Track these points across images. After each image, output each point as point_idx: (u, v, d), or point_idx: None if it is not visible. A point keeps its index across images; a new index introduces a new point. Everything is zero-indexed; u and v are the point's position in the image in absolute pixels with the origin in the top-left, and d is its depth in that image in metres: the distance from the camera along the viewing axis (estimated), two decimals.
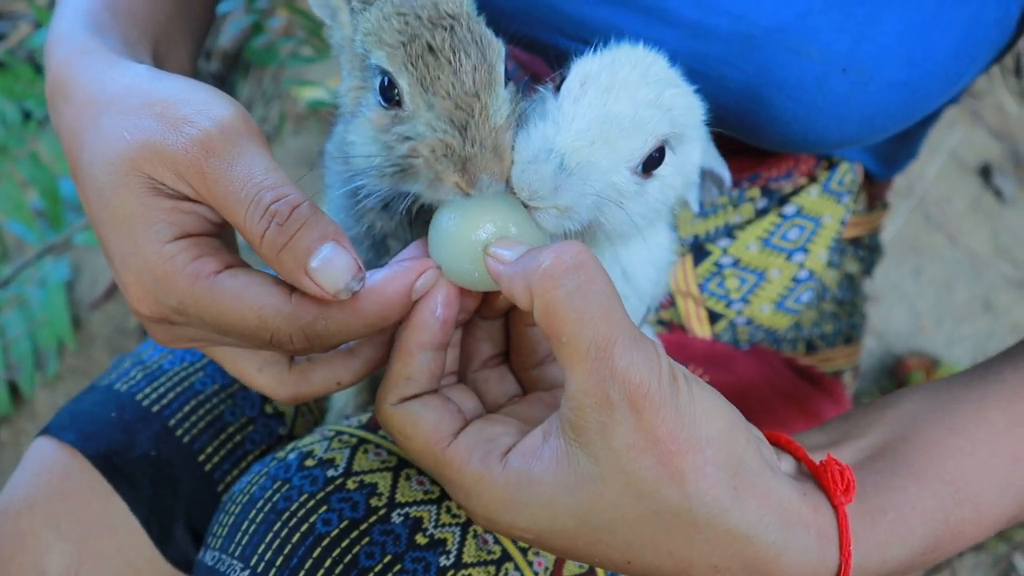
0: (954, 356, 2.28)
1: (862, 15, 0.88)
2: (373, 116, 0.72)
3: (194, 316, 0.66)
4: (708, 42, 0.94)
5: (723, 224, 1.23)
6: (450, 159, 0.67)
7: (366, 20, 0.72)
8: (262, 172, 0.63)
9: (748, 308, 1.23)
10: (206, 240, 0.68)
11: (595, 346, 0.59)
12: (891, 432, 0.78)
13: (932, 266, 2.49)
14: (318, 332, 0.64)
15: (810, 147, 1.02)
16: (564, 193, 0.69)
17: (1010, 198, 2.64)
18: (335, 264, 0.62)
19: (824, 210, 1.21)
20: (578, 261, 0.60)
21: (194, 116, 0.65)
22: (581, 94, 0.71)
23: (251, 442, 1.01)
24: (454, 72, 0.68)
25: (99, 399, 0.99)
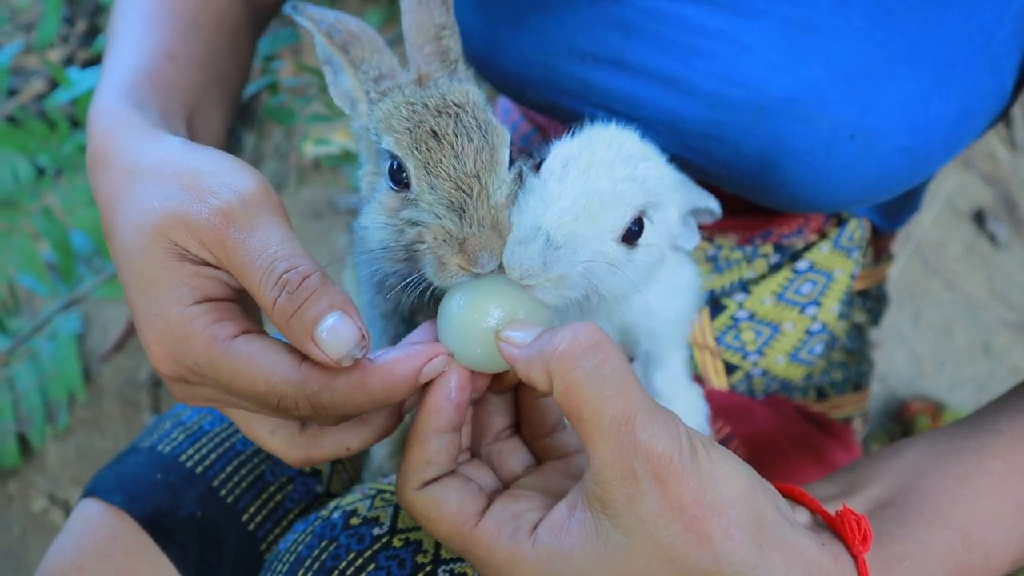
0: (956, 399, 2.31)
1: (868, 87, 0.94)
2: (384, 199, 0.76)
3: (209, 377, 0.69)
4: (724, 111, 0.99)
5: (738, 279, 1.26)
6: (450, 243, 0.71)
7: (380, 109, 0.77)
8: (277, 243, 0.66)
9: (763, 360, 1.26)
10: (226, 305, 0.71)
11: (616, 422, 0.62)
12: (898, 481, 0.81)
13: (931, 311, 2.53)
14: (323, 403, 0.67)
15: (819, 208, 1.06)
16: (554, 266, 0.72)
17: (1004, 242, 2.69)
18: (339, 333, 0.64)
19: (835, 265, 1.25)
20: (593, 341, 0.63)
21: (218, 188, 0.69)
22: (564, 174, 0.76)
23: (291, 501, 1.03)
24: (456, 155, 0.72)
25: (143, 461, 1.00)
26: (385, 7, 2.88)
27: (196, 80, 1.02)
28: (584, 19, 1.03)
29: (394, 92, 0.79)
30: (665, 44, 1.00)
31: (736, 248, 1.26)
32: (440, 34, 0.83)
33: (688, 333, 1.00)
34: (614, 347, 0.64)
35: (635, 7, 1.01)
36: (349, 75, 0.81)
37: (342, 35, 0.80)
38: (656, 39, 1.00)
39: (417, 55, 0.82)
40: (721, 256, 1.26)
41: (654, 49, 1.01)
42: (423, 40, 0.82)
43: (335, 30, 0.80)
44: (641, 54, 1.01)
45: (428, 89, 0.78)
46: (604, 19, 1.02)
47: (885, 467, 0.84)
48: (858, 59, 0.93)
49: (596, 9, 1.03)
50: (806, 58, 0.94)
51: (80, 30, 2.98)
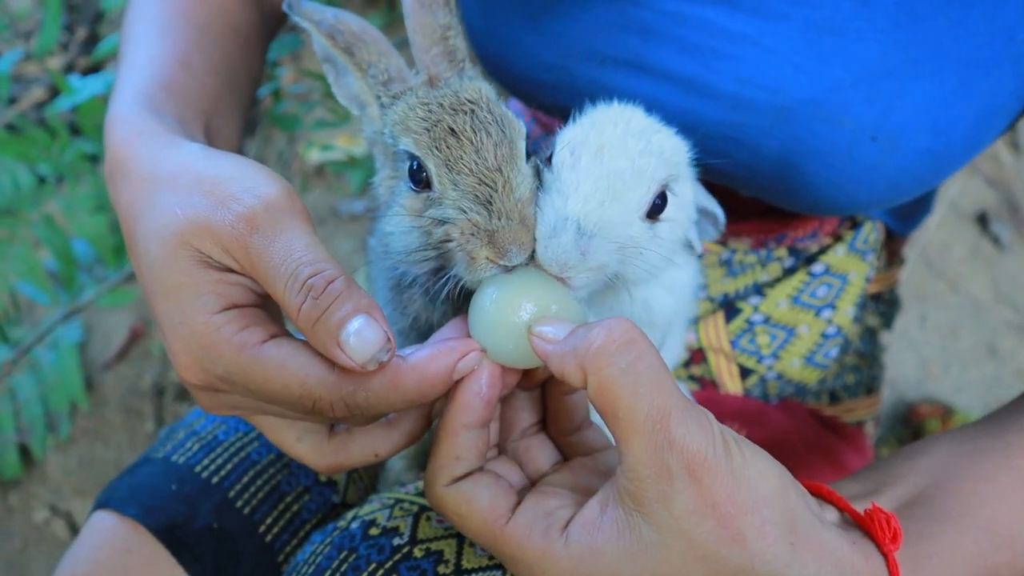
0: (963, 402, 2.30)
1: (890, 88, 0.93)
2: (406, 202, 0.76)
3: (239, 384, 0.68)
4: (746, 113, 0.98)
5: (752, 283, 1.26)
6: (478, 236, 0.70)
7: (394, 112, 0.77)
8: (302, 248, 0.66)
9: (778, 363, 1.26)
10: (252, 311, 0.70)
11: (651, 419, 0.61)
12: (924, 480, 0.81)
13: (936, 313, 2.53)
14: (358, 403, 0.66)
15: (840, 210, 1.06)
16: (592, 255, 0.72)
17: (1007, 244, 2.69)
18: (364, 336, 0.63)
19: (850, 268, 1.25)
20: (628, 338, 0.63)
21: (241, 194, 0.68)
22: (575, 161, 0.74)
23: (308, 511, 1.02)
24: (476, 150, 0.71)
25: (157, 472, 0.99)
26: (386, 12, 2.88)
27: (211, 87, 1.01)
28: (602, 21, 1.03)
29: (407, 95, 0.78)
30: (686, 46, 0.99)
31: (750, 252, 1.25)
32: (446, 34, 0.82)
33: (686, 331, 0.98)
34: (648, 343, 0.64)
35: (655, 10, 1.00)
36: (356, 78, 0.80)
37: (345, 36, 0.79)
38: (677, 41, 1.00)
39: (425, 57, 0.81)
40: (735, 260, 1.26)
41: (675, 51, 1.00)
42: (429, 42, 0.81)
43: (337, 31, 0.79)
44: (661, 56, 1.01)
45: (440, 89, 0.78)
46: (623, 21, 1.02)
47: (911, 466, 0.83)
48: (880, 60, 0.93)
49: (615, 11, 1.02)
50: (828, 60, 0.94)
51: (80, 37, 2.97)
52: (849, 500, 0.77)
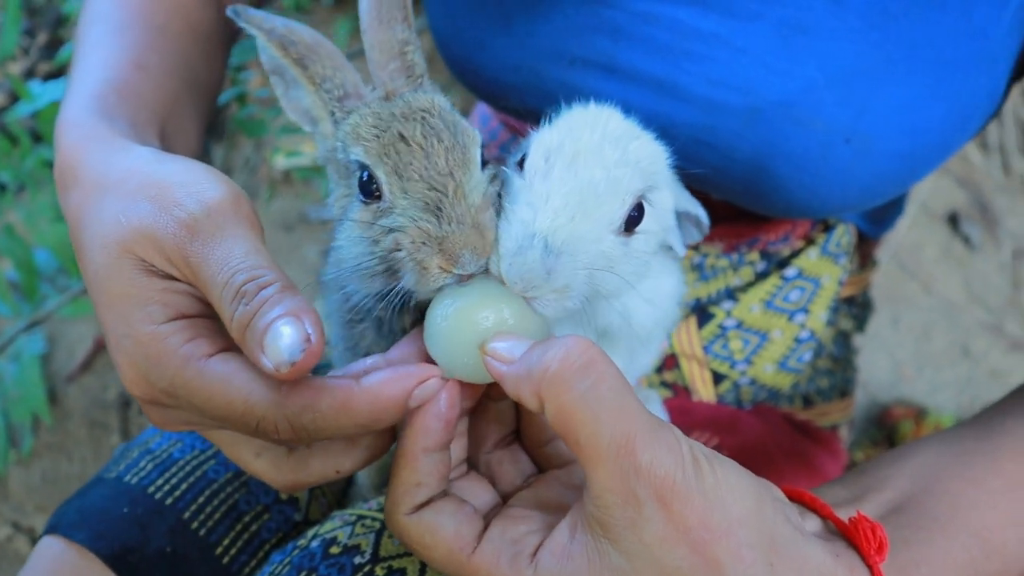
0: (937, 403, 2.31)
1: (864, 89, 0.92)
2: (357, 214, 0.72)
3: (183, 399, 0.65)
4: (718, 116, 0.96)
5: (724, 287, 1.24)
6: (429, 244, 0.67)
7: (346, 124, 0.74)
8: (240, 255, 0.63)
9: (752, 369, 1.24)
10: (201, 322, 0.67)
11: (614, 445, 0.58)
12: (911, 484, 0.79)
13: (909, 314, 2.53)
14: (305, 425, 0.63)
15: (813, 213, 1.04)
16: (558, 275, 0.68)
17: (978, 245, 2.71)
18: (285, 338, 0.59)
19: (823, 271, 1.24)
20: (587, 359, 0.59)
21: (184, 199, 0.66)
22: (548, 169, 0.71)
23: (267, 531, 0.98)
24: (426, 156, 0.69)
25: (108, 493, 0.95)
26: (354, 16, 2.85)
27: (167, 89, 0.98)
28: (573, 23, 1.01)
29: (361, 108, 0.75)
30: (657, 48, 0.97)
31: (722, 256, 1.24)
32: (404, 50, 0.79)
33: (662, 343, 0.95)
34: (608, 363, 0.60)
35: (626, 10, 0.98)
36: (308, 92, 0.77)
37: (298, 48, 0.76)
38: (648, 43, 0.98)
39: (382, 73, 0.78)
40: (707, 264, 1.24)
41: (645, 53, 0.98)
42: (387, 58, 0.78)
43: (290, 41, 0.76)
44: (632, 58, 0.99)
45: (394, 101, 0.75)
46: (593, 23, 1.00)
47: (898, 469, 0.81)
48: (854, 61, 0.91)
49: (585, 12, 1.00)
50: (801, 60, 0.92)
51: (41, 42, 2.91)
52: (833, 507, 0.74)
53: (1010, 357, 2.44)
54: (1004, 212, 2.75)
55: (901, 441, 2.01)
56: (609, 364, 0.60)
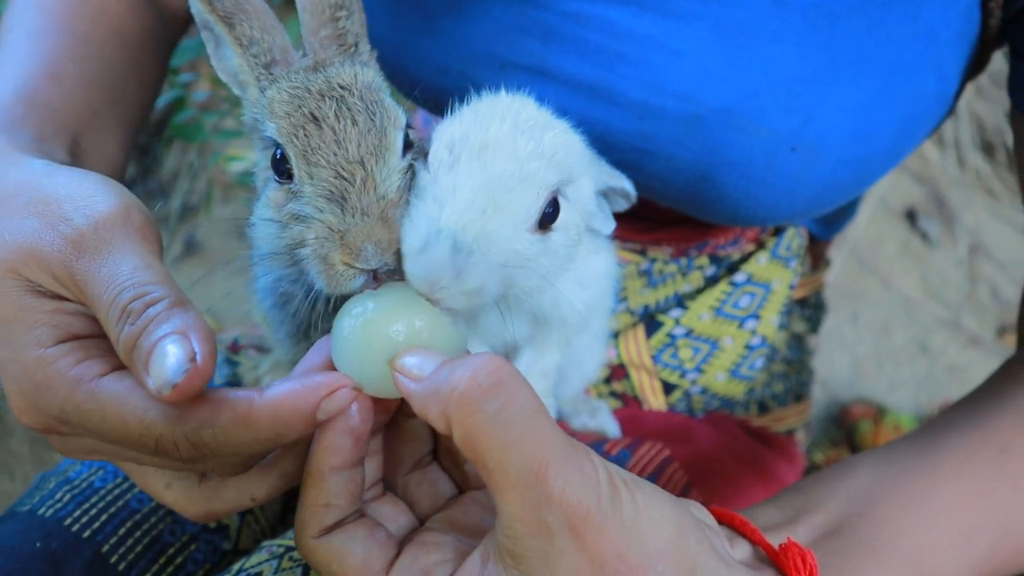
0: (896, 400, 2.31)
1: (809, 95, 0.88)
2: (271, 193, 0.69)
3: (78, 424, 0.61)
4: (656, 123, 0.92)
5: (673, 293, 1.21)
6: (331, 239, 0.63)
7: (267, 96, 0.69)
8: (128, 271, 0.60)
9: (703, 377, 1.22)
10: (94, 342, 0.63)
11: (525, 471, 0.54)
12: (846, 507, 0.76)
13: (868, 311, 2.53)
14: (205, 441, 0.59)
15: (760, 222, 1.01)
16: (468, 275, 0.62)
17: (936, 240, 2.72)
18: (169, 357, 0.55)
19: (773, 275, 1.21)
20: (496, 379, 0.54)
21: (72, 214, 0.63)
22: (453, 161, 0.66)
23: (193, 562, 0.93)
24: (336, 140, 0.65)
25: (20, 528, 0.89)
26: None
27: (84, 101, 0.93)
28: (501, 24, 0.96)
29: (285, 78, 0.70)
30: (589, 50, 0.93)
31: (670, 261, 1.21)
32: (336, 15, 0.74)
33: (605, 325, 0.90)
34: (520, 382, 0.55)
35: (555, 11, 0.93)
36: (236, 54, 0.72)
37: (225, 3, 0.71)
38: (579, 44, 0.93)
39: (313, 39, 0.74)
40: (655, 270, 1.21)
41: (577, 55, 0.94)
42: (318, 23, 0.73)
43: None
44: (563, 61, 0.94)
45: (317, 73, 0.70)
46: (522, 24, 0.95)
47: (833, 490, 0.79)
48: (799, 65, 0.87)
49: (513, 13, 0.95)
50: (743, 64, 0.88)
51: None
52: (765, 530, 0.72)
53: (968, 353, 2.45)
54: (960, 208, 2.77)
55: (860, 441, 2.01)
56: (521, 384, 0.55)
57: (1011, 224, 2.78)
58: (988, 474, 0.78)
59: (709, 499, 1.16)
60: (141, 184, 2.74)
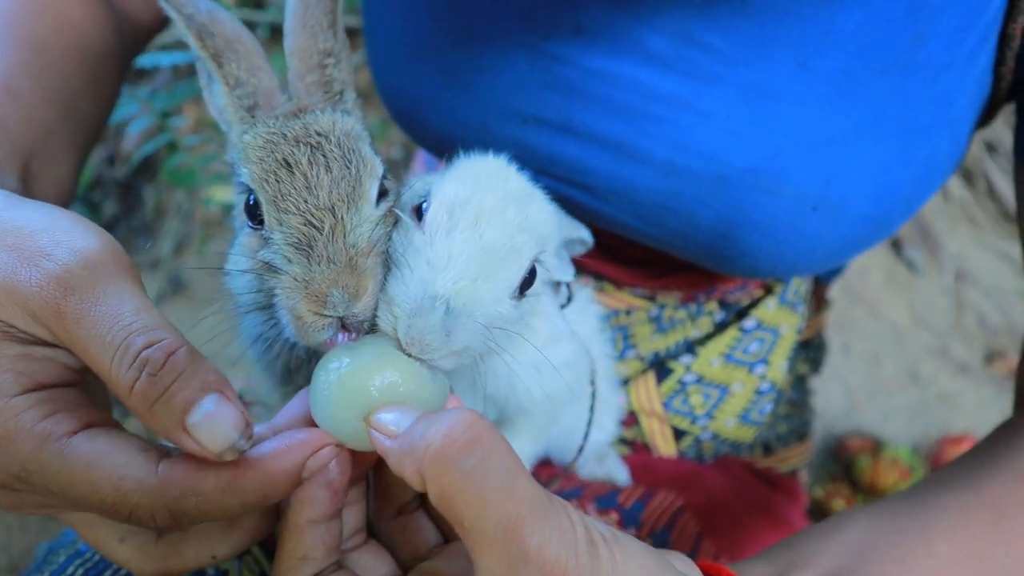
0: (890, 430, 2.31)
1: (832, 156, 0.89)
2: (244, 239, 0.67)
3: (39, 485, 0.57)
4: (681, 181, 0.92)
5: (683, 339, 1.21)
6: (297, 289, 0.62)
7: (248, 135, 0.68)
8: (132, 312, 0.56)
9: (713, 423, 1.21)
10: (64, 392, 0.59)
11: (501, 529, 0.53)
12: (837, 563, 0.75)
13: (859, 342, 2.55)
14: (186, 510, 0.56)
15: (777, 276, 1.02)
16: (456, 337, 0.64)
17: (921, 269, 2.74)
18: (218, 419, 0.54)
19: (782, 321, 1.21)
20: (472, 436, 0.54)
21: (52, 248, 0.57)
22: (452, 227, 0.67)
23: None
24: (307, 187, 0.63)
25: None
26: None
27: (39, 119, 0.88)
28: (525, 80, 0.96)
29: (259, 124, 0.69)
30: (615, 108, 0.93)
31: (680, 307, 1.20)
32: (324, 62, 0.73)
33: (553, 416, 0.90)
34: (497, 440, 0.55)
35: (581, 68, 0.93)
36: (224, 93, 0.71)
37: (216, 41, 0.70)
38: (605, 102, 0.93)
39: (299, 84, 0.73)
40: (665, 316, 1.21)
41: (602, 113, 0.94)
42: (305, 68, 0.73)
43: (208, 33, 0.69)
44: (588, 118, 0.94)
45: (296, 119, 0.69)
46: (547, 80, 0.95)
47: (824, 546, 0.78)
48: (821, 127, 0.89)
49: (538, 69, 0.95)
50: (767, 126, 0.89)
51: None
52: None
53: (957, 381, 2.46)
54: (945, 235, 2.80)
55: (859, 475, 2.01)
56: (497, 440, 0.55)
57: (994, 251, 2.81)
58: (982, 535, 0.77)
59: (721, 547, 1.15)
60: (124, 222, 2.70)
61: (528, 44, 0.95)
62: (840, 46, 0.86)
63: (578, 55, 0.93)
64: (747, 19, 0.87)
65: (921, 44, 0.86)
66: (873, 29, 0.86)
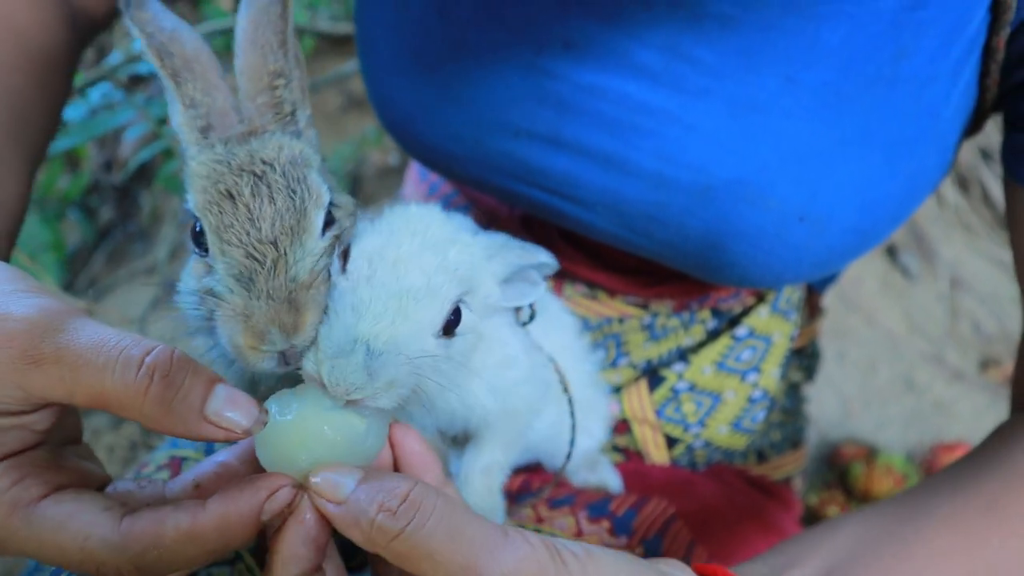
0: (885, 438, 2.32)
1: (818, 168, 0.90)
2: (192, 264, 0.68)
3: (14, 548, 0.59)
4: (669, 192, 0.94)
5: (675, 347, 1.22)
6: (236, 319, 0.63)
7: (195, 161, 0.68)
8: (113, 333, 0.57)
9: (705, 431, 1.21)
10: (29, 457, 0.61)
11: (459, 573, 0.56)
12: (833, 560, 0.77)
13: (854, 349, 2.55)
14: (150, 564, 0.58)
15: (765, 285, 1.03)
16: (380, 374, 0.66)
17: (916, 275, 2.75)
18: (235, 400, 0.58)
19: (774, 329, 1.22)
20: (406, 502, 0.57)
21: (6, 308, 0.58)
22: (371, 274, 0.69)
23: None
24: (251, 219, 0.64)
25: None
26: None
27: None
28: (517, 94, 0.97)
29: (207, 150, 0.69)
30: (604, 122, 0.94)
31: (672, 315, 1.21)
32: (274, 83, 0.72)
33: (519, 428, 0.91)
34: (429, 494, 0.58)
35: (571, 82, 0.94)
36: (180, 112, 0.71)
37: (175, 60, 0.70)
38: (594, 116, 0.94)
39: (250, 105, 0.72)
40: (657, 324, 1.21)
41: (592, 126, 0.95)
42: (256, 89, 0.72)
43: (167, 52, 0.69)
44: (578, 131, 0.95)
45: (243, 145, 0.69)
46: (538, 94, 0.96)
47: (815, 548, 0.79)
48: (808, 140, 0.90)
49: (529, 84, 0.96)
50: (754, 139, 0.90)
51: None
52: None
53: (952, 388, 2.46)
54: (939, 242, 2.80)
55: (853, 483, 2.01)
56: (430, 495, 0.57)
57: (988, 258, 2.82)
58: (977, 528, 0.79)
59: (713, 554, 1.15)
60: (121, 228, 2.70)
61: (519, 59, 0.96)
62: (825, 60, 0.87)
63: (568, 70, 0.94)
64: (734, 33, 0.88)
65: (905, 58, 0.87)
66: (858, 43, 0.86)
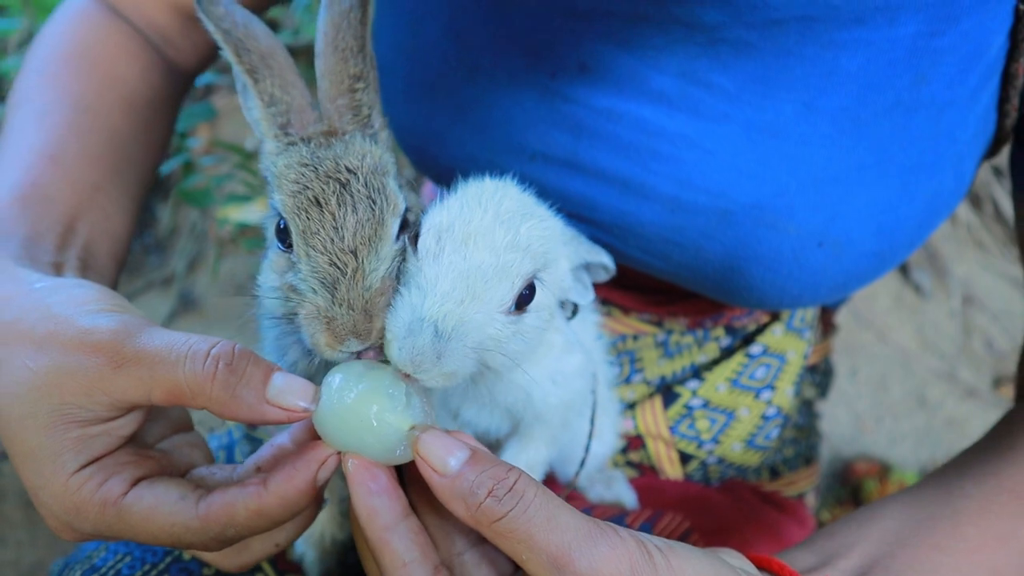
0: (897, 454, 2.31)
1: (836, 193, 0.91)
2: (274, 257, 0.72)
3: (112, 536, 0.69)
4: (687, 216, 0.94)
5: (689, 364, 1.22)
6: (319, 320, 0.68)
7: (279, 163, 0.72)
8: (180, 335, 0.66)
9: (719, 448, 1.22)
10: (112, 460, 0.68)
11: (552, 558, 0.59)
12: (877, 549, 0.79)
13: (866, 365, 2.55)
14: (229, 537, 0.67)
15: (783, 307, 1.03)
16: (447, 359, 0.67)
17: (929, 292, 2.74)
18: (292, 384, 0.65)
19: (788, 347, 1.22)
20: (511, 489, 0.61)
21: (91, 323, 0.67)
22: (439, 251, 0.70)
23: None
24: (335, 227, 0.68)
25: None
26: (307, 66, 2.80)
27: (85, 180, 0.95)
28: (532, 117, 0.98)
29: (298, 146, 0.72)
30: (621, 146, 0.95)
31: (687, 332, 1.22)
32: (354, 86, 0.75)
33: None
34: (530, 482, 0.62)
35: (587, 106, 0.95)
36: (258, 107, 0.74)
37: (252, 57, 0.73)
38: (611, 140, 0.95)
39: (329, 106, 0.75)
40: (671, 341, 1.22)
41: (609, 151, 0.96)
42: (336, 91, 0.75)
43: (244, 49, 0.72)
44: (595, 155, 0.96)
45: (327, 149, 0.72)
46: (554, 118, 0.97)
47: (862, 534, 0.82)
48: (825, 166, 0.90)
49: (545, 107, 0.97)
50: (772, 164, 0.91)
51: None
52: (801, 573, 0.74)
53: (965, 405, 2.46)
54: (952, 259, 2.80)
55: (867, 500, 2.00)
56: (530, 483, 0.61)
57: (1001, 275, 2.81)
58: (1006, 518, 0.82)
59: None
60: (139, 240, 2.73)
61: (535, 82, 0.97)
62: (843, 86, 0.88)
63: (584, 94, 0.95)
64: (751, 60, 0.89)
65: (924, 84, 0.88)
66: (876, 70, 0.87)
